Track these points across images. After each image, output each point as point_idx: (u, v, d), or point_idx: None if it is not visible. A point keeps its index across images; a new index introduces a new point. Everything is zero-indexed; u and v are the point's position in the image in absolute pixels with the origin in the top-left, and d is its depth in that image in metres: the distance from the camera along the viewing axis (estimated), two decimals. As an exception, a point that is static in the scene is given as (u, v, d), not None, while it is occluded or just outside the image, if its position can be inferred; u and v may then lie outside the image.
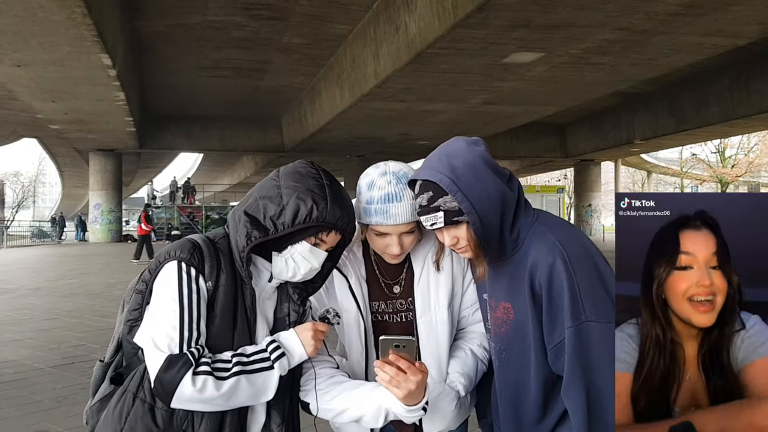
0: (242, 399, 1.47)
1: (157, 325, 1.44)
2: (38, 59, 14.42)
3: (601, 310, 1.53)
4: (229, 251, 1.55)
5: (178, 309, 1.44)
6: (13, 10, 10.99)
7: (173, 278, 1.47)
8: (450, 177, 1.57)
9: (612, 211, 48.26)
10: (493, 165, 1.62)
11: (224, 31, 16.30)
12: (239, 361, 1.46)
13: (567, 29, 12.09)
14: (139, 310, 1.53)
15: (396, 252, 1.70)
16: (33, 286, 12.70)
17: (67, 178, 52.97)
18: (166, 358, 1.40)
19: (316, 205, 1.49)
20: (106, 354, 1.61)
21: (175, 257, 1.49)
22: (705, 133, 26.40)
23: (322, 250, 1.56)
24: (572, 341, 1.53)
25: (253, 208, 1.53)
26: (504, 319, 1.68)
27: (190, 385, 1.38)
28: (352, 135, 25.06)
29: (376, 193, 1.67)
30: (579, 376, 1.53)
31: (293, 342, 1.54)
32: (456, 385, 1.77)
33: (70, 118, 22.35)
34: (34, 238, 35.28)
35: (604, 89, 18.57)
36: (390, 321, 1.82)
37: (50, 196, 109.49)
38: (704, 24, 11.93)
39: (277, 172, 1.59)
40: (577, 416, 1.53)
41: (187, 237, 1.56)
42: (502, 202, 1.60)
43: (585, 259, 1.59)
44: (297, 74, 20.84)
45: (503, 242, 1.64)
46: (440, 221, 1.60)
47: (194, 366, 1.40)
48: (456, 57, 13.82)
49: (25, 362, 6.14)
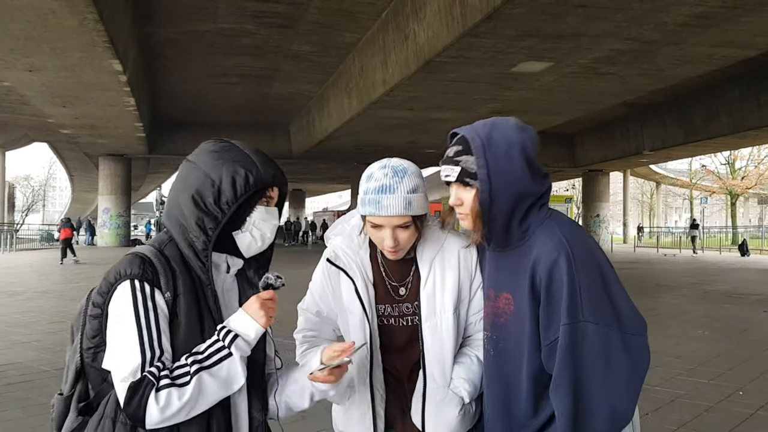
0: (213, 395, 1.43)
1: (118, 351, 1.40)
2: (50, 64, 14.55)
3: (600, 313, 1.51)
4: (179, 256, 1.50)
5: (136, 332, 1.38)
6: (25, 15, 11.09)
7: (127, 299, 1.41)
8: (483, 141, 1.60)
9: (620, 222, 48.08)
10: (530, 156, 1.61)
11: (234, 38, 16.40)
12: (195, 359, 1.41)
13: (576, 39, 12.09)
14: (100, 335, 1.46)
15: (389, 245, 1.70)
16: (41, 289, 12.75)
17: (77, 182, 53.27)
18: (129, 386, 1.36)
19: (249, 172, 1.48)
20: (64, 387, 1.54)
21: (128, 276, 1.42)
22: (715, 144, 26.27)
23: (273, 206, 1.58)
24: (566, 339, 1.50)
25: (190, 205, 1.47)
26: (504, 310, 1.66)
27: (154, 405, 1.35)
28: (359, 142, 25.11)
29: (372, 185, 1.69)
30: (569, 375, 1.50)
31: (244, 320, 1.48)
32: (460, 391, 1.75)
33: (81, 123, 22.51)
34: (43, 241, 35.43)
35: (613, 99, 18.54)
36: (396, 325, 1.80)
37: (60, 200, 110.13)
38: (714, 35, 11.91)
39: (187, 163, 1.53)
40: (563, 417, 1.50)
41: (133, 251, 1.49)
42: (521, 191, 1.60)
43: (590, 261, 1.57)
44: (306, 82, 20.93)
45: (510, 230, 1.63)
46: (454, 175, 1.63)
47: (156, 384, 1.36)
48: (464, 66, 13.84)
49: (31, 365, 6.15)
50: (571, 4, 10.25)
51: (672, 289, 13.63)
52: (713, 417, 4.72)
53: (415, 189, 1.69)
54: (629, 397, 1.52)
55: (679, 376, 5.93)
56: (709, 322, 9.13)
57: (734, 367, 6.36)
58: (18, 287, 13.00)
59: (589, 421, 1.49)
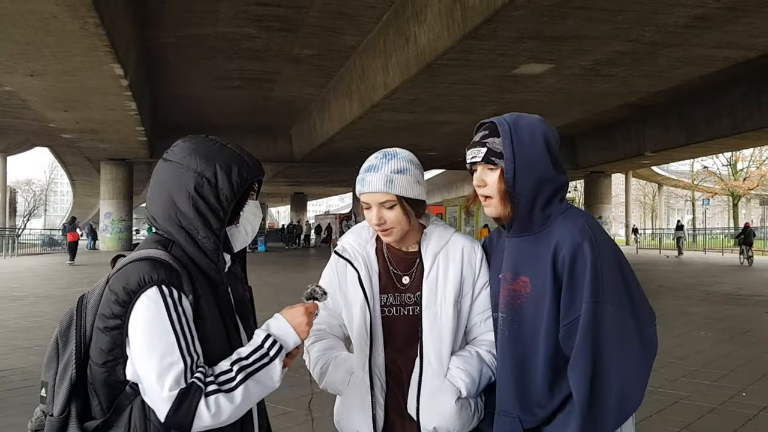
0: (256, 399, 1.46)
1: (155, 360, 1.35)
2: (51, 69, 14.58)
3: (618, 298, 1.59)
4: (187, 257, 1.47)
5: (174, 338, 1.36)
6: (26, 20, 11.12)
7: (159, 305, 1.36)
8: (510, 125, 1.70)
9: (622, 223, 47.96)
10: (552, 146, 1.71)
11: (235, 42, 16.43)
12: (241, 366, 1.42)
13: (577, 41, 12.09)
14: (121, 347, 1.39)
15: (374, 222, 1.79)
16: (43, 293, 12.75)
17: (79, 186, 53.38)
18: (177, 394, 1.33)
19: (240, 167, 1.50)
20: (49, 407, 1.47)
21: (154, 282, 1.37)
22: (716, 145, 26.27)
23: (256, 200, 1.63)
24: (588, 316, 1.56)
25: (191, 206, 1.45)
26: (521, 292, 1.72)
27: (206, 412, 1.34)
28: (361, 145, 25.11)
29: (364, 166, 1.83)
30: (588, 352, 1.56)
31: (286, 329, 1.51)
32: (456, 381, 1.76)
33: (82, 127, 22.54)
34: (44, 246, 35.45)
35: (614, 101, 18.53)
36: (397, 315, 1.84)
37: (61, 204, 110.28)
38: (715, 36, 11.91)
39: (171, 163, 1.50)
40: (580, 393, 1.55)
41: (145, 257, 1.42)
42: (543, 175, 1.68)
43: (610, 250, 1.65)
44: (307, 85, 20.95)
45: (533, 214, 1.70)
46: (480, 156, 1.71)
47: (204, 390, 1.35)
48: (465, 68, 13.85)
49: (33, 370, 6.14)
50: (572, 6, 10.26)
51: (674, 291, 13.61)
52: (716, 418, 4.71)
53: (401, 171, 1.77)
54: (639, 381, 1.59)
55: (682, 377, 5.92)
56: (711, 323, 9.12)
57: (737, 368, 6.35)
58: (20, 292, 13.01)
59: (602, 400, 1.55)
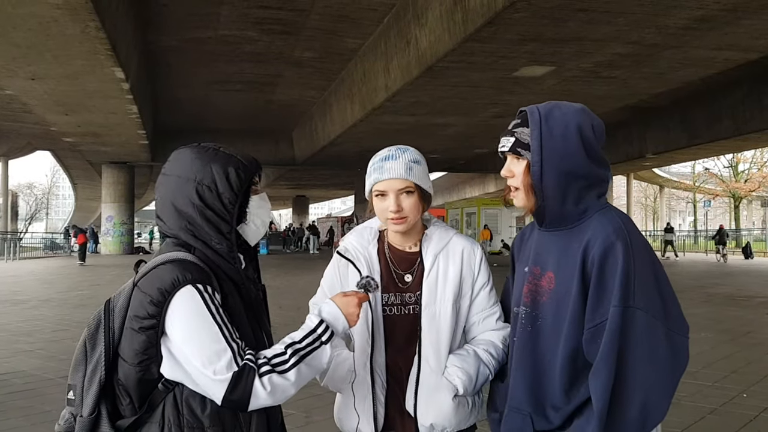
0: (306, 380, 1.54)
1: (202, 351, 1.42)
2: (52, 72, 14.60)
3: (651, 304, 1.50)
4: (209, 260, 1.53)
5: (217, 329, 1.44)
6: (27, 23, 11.14)
7: (197, 301, 1.44)
8: (541, 115, 1.63)
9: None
10: (588, 138, 1.62)
11: (236, 45, 16.45)
12: (295, 350, 1.51)
13: (578, 43, 12.10)
14: (155, 346, 1.46)
15: (393, 209, 1.78)
16: (44, 297, 12.76)
17: (80, 190, 53.41)
18: (232, 376, 1.42)
19: (236, 168, 1.55)
20: (78, 409, 1.49)
21: (188, 281, 1.45)
22: (717, 147, 26.23)
23: (261, 192, 1.68)
24: (615, 321, 1.47)
25: (198, 217, 1.52)
26: (546, 289, 1.65)
27: (262, 390, 1.43)
28: (362, 148, 25.12)
29: (377, 158, 1.85)
30: (613, 359, 1.47)
31: (338, 315, 1.61)
32: (453, 379, 1.79)
33: (84, 130, 22.57)
34: (46, 249, 35.50)
35: (615, 103, 18.54)
36: (398, 314, 1.87)
37: (63, 208, 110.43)
38: (715, 38, 11.91)
39: (170, 179, 1.56)
40: (600, 401, 1.47)
41: (174, 258, 1.49)
42: (572, 170, 1.59)
43: (646, 254, 1.56)
44: (308, 88, 20.97)
45: (565, 209, 1.61)
46: (507, 145, 1.67)
47: (258, 370, 1.44)
48: (466, 71, 13.87)
49: (35, 373, 6.15)
50: (573, 8, 10.27)
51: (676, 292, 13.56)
52: (717, 420, 4.71)
53: (417, 161, 1.83)
54: (664, 393, 1.51)
55: (683, 378, 5.87)
56: (712, 324, 9.10)
57: (738, 369, 6.34)
58: (22, 295, 13.02)
59: (624, 411, 1.47)
